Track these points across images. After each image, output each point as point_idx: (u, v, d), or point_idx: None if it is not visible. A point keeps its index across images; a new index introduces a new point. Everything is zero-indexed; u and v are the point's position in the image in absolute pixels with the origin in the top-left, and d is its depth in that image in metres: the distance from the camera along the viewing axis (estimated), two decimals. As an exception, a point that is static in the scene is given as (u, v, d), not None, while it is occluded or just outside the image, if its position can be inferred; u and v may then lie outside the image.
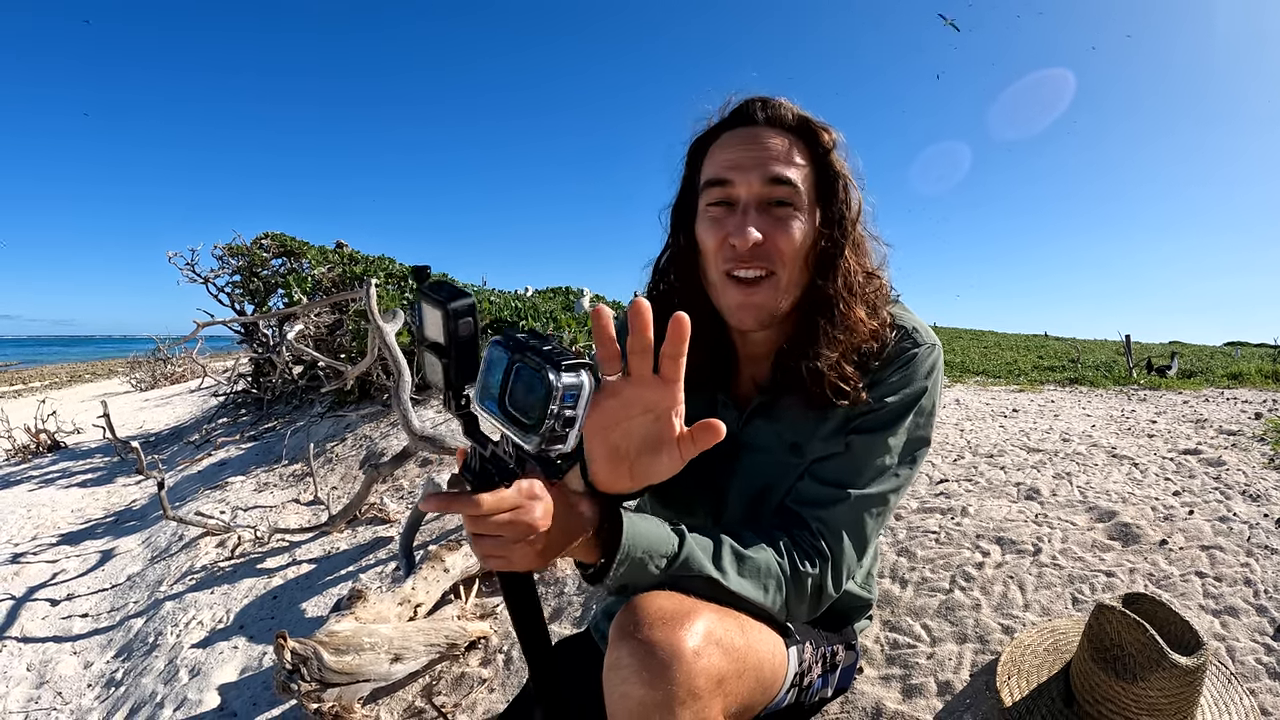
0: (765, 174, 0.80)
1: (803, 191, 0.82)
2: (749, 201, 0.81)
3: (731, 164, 0.82)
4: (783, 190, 0.81)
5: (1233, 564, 1.61)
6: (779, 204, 0.81)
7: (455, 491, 0.59)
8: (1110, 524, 1.88)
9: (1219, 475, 2.28)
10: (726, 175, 0.82)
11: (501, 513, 0.57)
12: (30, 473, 5.22)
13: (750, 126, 0.84)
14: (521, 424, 0.53)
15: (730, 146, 0.83)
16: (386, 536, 2.71)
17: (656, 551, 0.71)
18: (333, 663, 1.48)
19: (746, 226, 0.79)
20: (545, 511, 0.60)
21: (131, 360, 13.36)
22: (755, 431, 0.92)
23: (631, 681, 0.67)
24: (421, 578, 1.90)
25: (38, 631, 2.62)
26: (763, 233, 0.80)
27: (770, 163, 0.81)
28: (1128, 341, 7.35)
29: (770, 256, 0.81)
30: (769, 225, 0.80)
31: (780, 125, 0.83)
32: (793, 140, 0.83)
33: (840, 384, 0.83)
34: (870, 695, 1.26)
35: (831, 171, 0.84)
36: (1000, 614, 1.48)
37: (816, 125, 0.84)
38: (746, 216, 0.80)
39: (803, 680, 0.97)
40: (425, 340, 0.60)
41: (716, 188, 0.83)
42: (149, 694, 2.05)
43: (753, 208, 0.81)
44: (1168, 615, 1.16)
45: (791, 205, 0.81)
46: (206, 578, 2.74)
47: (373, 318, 3.00)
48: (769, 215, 0.81)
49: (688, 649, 0.67)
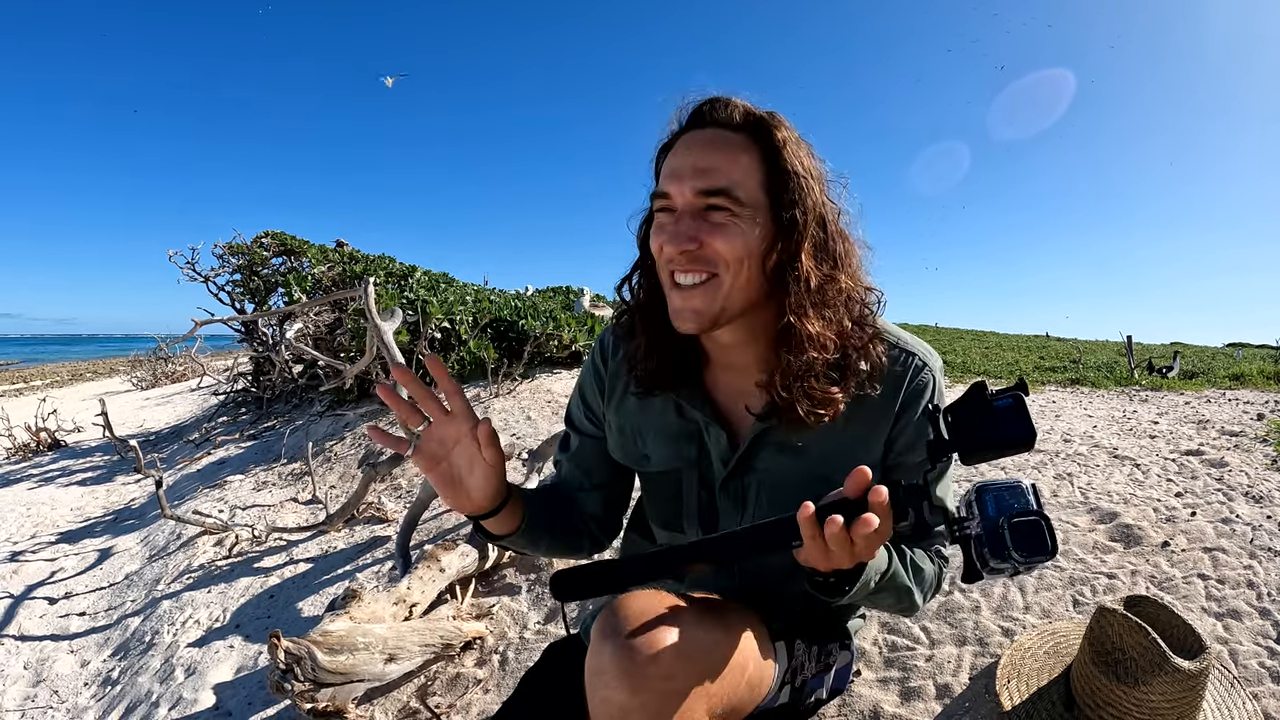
0: (697, 185, 0.79)
1: (746, 194, 0.79)
2: (683, 210, 0.80)
3: (670, 174, 0.81)
4: (717, 199, 0.79)
5: (1235, 566, 1.60)
6: (716, 209, 0.79)
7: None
8: (1112, 525, 1.86)
9: (1221, 477, 2.26)
10: (665, 188, 0.81)
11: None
12: (30, 471, 5.22)
13: (697, 130, 0.82)
14: None
15: (675, 154, 0.82)
16: (384, 536, 2.70)
17: (878, 570, 0.77)
18: (326, 663, 1.47)
19: (678, 234, 0.79)
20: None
21: (132, 359, 13.38)
22: (767, 463, 0.90)
23: (613, 687, 0.66)
24: (417, 577, 1.89)
25: (35, 630, 2.61)
26: (697, 238, 0.78)
27: (706, 172, 0.78)
28: (1129, 342, 7.32)
29: (710, 260, 0.79)
30: (704, 230, 0.79)
31: (727, 125, 0.82)
32: (740, 139, 0.81)
33: (815, 409, 0.81)
34: (868, 698, 1.25)
35: (782, 168, 0.80)
36: (1000, 616, 1.46)
37: (767, 123, 0.81)
38: (679, 224, 0.80)
39: (795, 678, 0.95)
40: None
41: (660, 199, 0.83)
42: (145, 693, 2.05)
43: (687, 215, 0.80)
44: (1170, 618, 1.15)
45: (729, 211, 0.79)
46: (204, 576, 2.74)
47: (370, 316, 2.99)
48: (704, 220, 0.79)
49: (669, 651, 0.67)
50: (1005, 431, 0.63)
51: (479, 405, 4.35)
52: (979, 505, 0.64)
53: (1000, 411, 0.64)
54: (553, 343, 5.04)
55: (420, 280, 6.10)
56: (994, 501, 0.64)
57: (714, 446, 0.91)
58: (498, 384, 4.51)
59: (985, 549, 0.63)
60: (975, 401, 0.65)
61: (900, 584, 0.82)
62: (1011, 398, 0.64)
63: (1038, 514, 0.62)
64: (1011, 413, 0.63)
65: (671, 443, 0.94)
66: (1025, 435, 0.62)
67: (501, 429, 3.82)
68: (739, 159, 0.80)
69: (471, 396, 4.55)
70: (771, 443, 0.88)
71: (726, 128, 0.82)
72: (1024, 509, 0.63)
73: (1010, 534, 0.61)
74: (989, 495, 0.64)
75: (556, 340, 5.04)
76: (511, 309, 5.49)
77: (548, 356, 5.12)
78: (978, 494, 0.65)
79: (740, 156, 0.80)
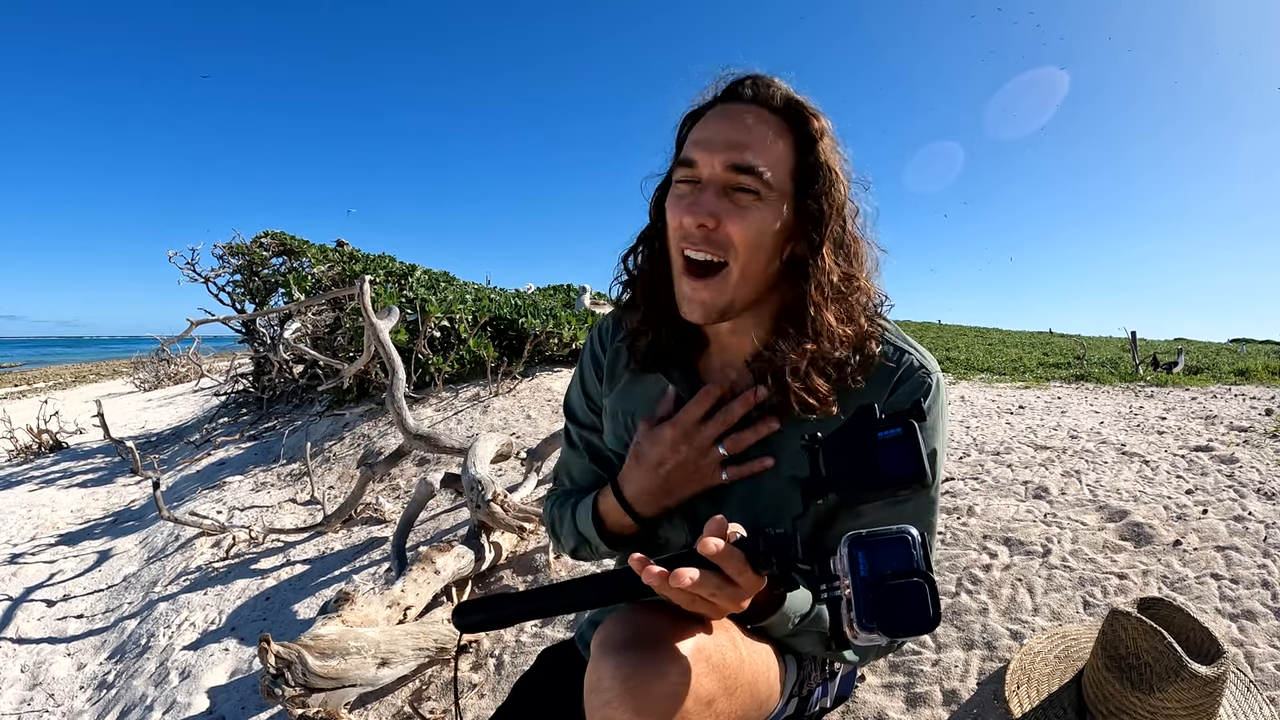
0: (729, 159, 0.75)
1: (774, 179, 0.76)
2: (709, 182, 0.77)
3: (700, 142, 0.78)
4: (745, 179, 0.75)
5: (1249, 565, 1.56)
6: (742, 190, 0.76)
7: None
8: (1122, 524, 1.82)
9: (1232, 473, 2.22)
10: (692, 155, 0.78)
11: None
12: (31, 473, 5.21)
13: (734, 104, 0.79)
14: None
15: (707, 124, 0.79)
16: (381, 537, 2.68)
17: (797, 611, 0.75)
18: (317, 667, 1.44)
19: (699, 204, 0.76)
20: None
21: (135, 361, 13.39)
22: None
23: (614, 705, 0.62)
24: (411, 580, 1.86)
25: (33, 633, 2.60)
26: (716, 215, 0.75)
27: (739, 146, 0.75)
28: (1133, 338, 7.27)
29: (722, 244, 0.76)
30: (725, 209, 0.76)
31: (766, 105, 0.78)
32: (777, 123, 0.78)
33: (807, 398, 0.78)
34: (873, 705, 1.21)
35: (814, 160, 0.78)
36: (1008, 619, 1.42)
37: (806, 110, 0.79)
38: (703, 194, 0.76)
39: (802, 689, 0.92)
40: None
41: (685, 167, 0.79)
42: (139, 696, 2.02)
43: (712, 189, 0.76)
44: (1185, 621, 1.11)
45: (756, 194, 0.76)
46: (200, 578, 2.71)
47: (366, 315, 2.96)
48: (728, 199, 0.76)
49: (674, 670, 0.63)
50: (887, 468, 0.54)
51: (479, 404, 4.32)
52: (850, 561, 0.53)
53: (884, 442, 0.55)
54: (553, 341, 5.01)
55: (420, 279, 6.08)
56: (867, 557, 0.53)
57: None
58: (498, 382, 4.49)
59: (854, 615, 0.52)
60: (858, 430, 0.56)
61: (823, 629, 0.79)
62: (901, 426, 0.55)
63: (920, 574, 0.51)
64: (898, 444, 0.54)
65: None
66: (911, 473, 0.53)
67: (502, 427, 3.79)
68: (774, 141, 0.77)
69: (471, 395, 4.52)
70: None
71: (765, 106, 0.78)
72: (904, 568, 0.52)
73: (882, 601, 0.51)
74: (862, 549, 0.53)
75: (557, 338, 5.01)
76: (511, 307, 5.46)
77: (548, 355, 5.09)
78: (850, 547, 0.54)
79: (775, 139, 0.77)
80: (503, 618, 0.71)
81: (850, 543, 0.54)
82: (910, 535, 0.53)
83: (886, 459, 0.55)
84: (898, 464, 0.54)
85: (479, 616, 0.72)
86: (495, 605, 0.71)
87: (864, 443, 0.56)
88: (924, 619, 0.51)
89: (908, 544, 0.53)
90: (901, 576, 0.51)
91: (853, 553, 0.54)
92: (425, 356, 4.65)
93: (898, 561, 0.52)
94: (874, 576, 0.52)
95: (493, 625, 0.73)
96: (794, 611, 0.74)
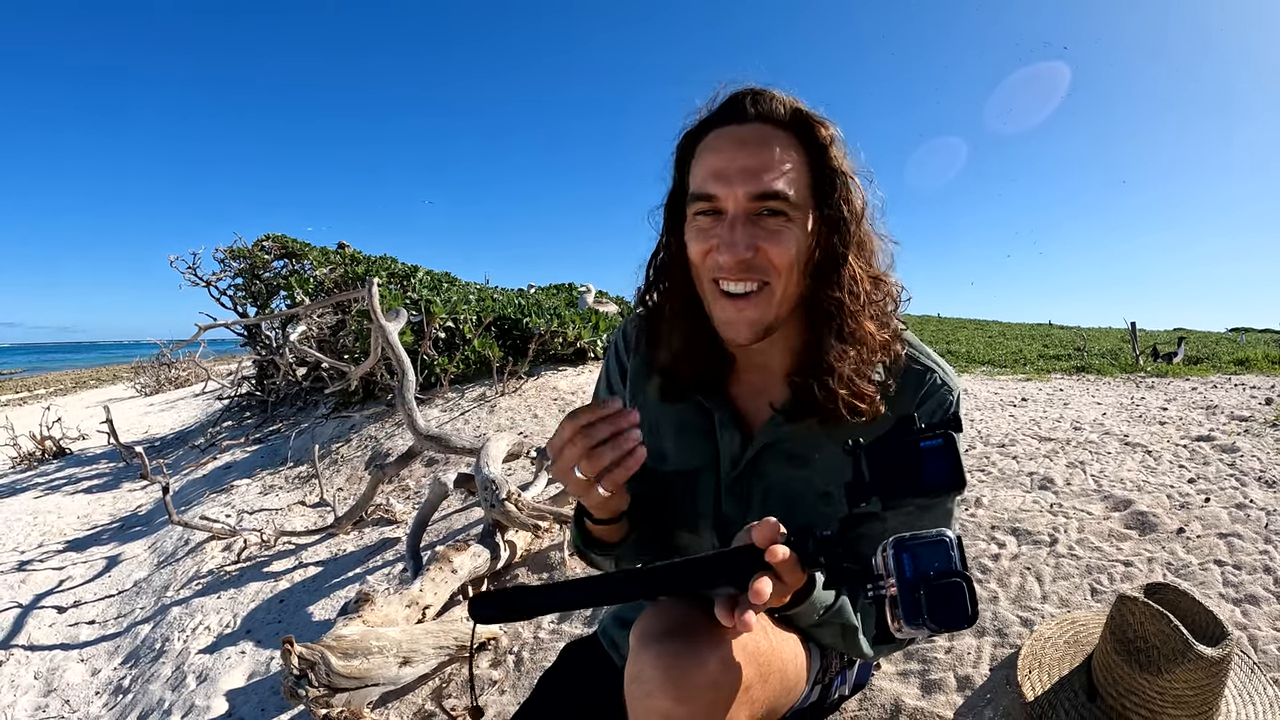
0: (751, 190, 0.74)
1: (796, 196, 0.76)
2: (735, 216, 0.75)
3: (717, 175, 0.75)
4: (771, 202, 0.75)
5: (1251, 552, 1.59)
6: (770, 214, 0.75)
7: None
8: (1126, 513, 1.85)
9: (1234, 462, 2.25)
10: (711, 190, 0.75)
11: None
12: (36, 480, 5.22)
13: (739, 124, 0.77)
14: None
15: (717, 150, 0.77)
16: (393, 538, 2.70)
17: (822, 602, 0.75)
18: (340, 667, 1.46)
19: (734, 242, 0.74)
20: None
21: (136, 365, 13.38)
22: (773, 470, 0.87)
23: (656, 695, 0.64)
24: (429, 579, 1.88)
25: (45, 639, 2.61)
26: (752, 246, 0.75)
27: (759, 173, 0.74)
28: (1133, 329, 7.30)
29: (763, 268, 0.76)
30: (759, 237, 0.75)
31: (772, 121, 0.77)
32: (786, 137, 0.77)
33: (855, 401, 0.79)
34: (889, 692, 1.24)
35: (829, 169, 0.77)
36: (1018, 606, 1.45)
37: (813, 119, 0.78)
38: (735, 231, 0.74)
39: (825, 676, 0.94)
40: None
41: (703, 200, 0.77)
42: (156, 700, 2.04)
43: (740, 221, 0.75)
44: (1191, 605, 1.14)
45: (784, 215, 0.75)
46: (213, 582, 2.73)
47: (375, 317, 2.98)
48: (758, 226, 0.75)
49: (714, 659, 0.65)
50: (930, 475, 0.58)
51: (485, 404, 4.34)
52: (896, 563, 0.58)
53: (927, 452, 0.59)
54: (557, 340, 5.03)
55: (423, 280, 6.09)
56: (911, 559, 0.58)
57: (725, 447, 0.89)
58: (503, 382, 4.50)
59: (900, 612, 0.57)
60: (900, 438, 0.60)
61: (846, 622, 0.80)
62: (942, 436, 0.59)
63: (960, 575, 0.56)
64: (940, 454, 0.58)
65: (690, 441, 0.92)
66: (952, 481, 0.58)
67: (509, 427, 3.81)
68: (788, 159, 0.75)
69: (477, 395, 4.54)
70: (781, 451, 0.86)
71: (770, 122, 0.77)
72: (945, 569, 0.57)
73: (927, 599, 0.56)
74: (906, 552, 0.58)
75: (561, 338, 5.03)
76: (515, 307, 5.48)
77: (553, 354, 5.11)
78: (895, 549, 0.59)
79: (789, 155, 0.75)
80: (523, 608, 0.70)
81: (895, 545, 0.59)
82: (948, 538, 0.58)
83: (929, 467, 0.59)
84: (939, 472, 0.58)
85: (494, 609, 0.70)
86: (510, 598, 0.70)
87: (908, 450, 0.60)
88: (964, 616, 0.55)
89: (946, 546, 0.57)
90: (943, 577, 0.56)
91: (898, 555, 0.58)
92: (430, 357, 4.67)
93: (939, 563, 0.57)
94: (918, 577, 0.57)
95: (508, 618, 0.72)
96: (820, 603, 0.75)
